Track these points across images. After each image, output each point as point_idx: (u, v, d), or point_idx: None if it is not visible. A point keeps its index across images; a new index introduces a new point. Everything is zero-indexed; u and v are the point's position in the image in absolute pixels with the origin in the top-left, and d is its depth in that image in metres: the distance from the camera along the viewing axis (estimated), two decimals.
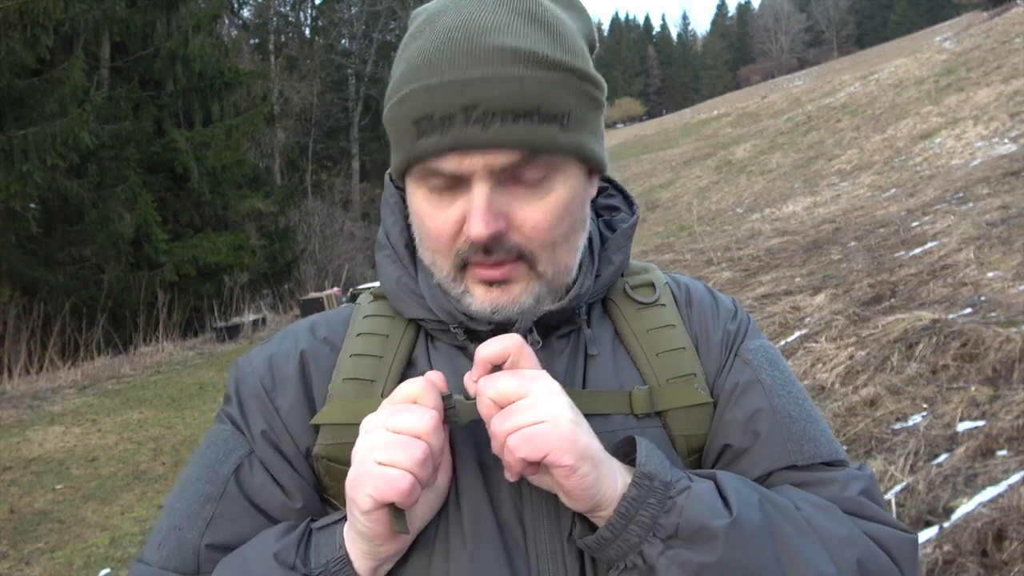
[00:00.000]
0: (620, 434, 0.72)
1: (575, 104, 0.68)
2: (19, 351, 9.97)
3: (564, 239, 0.72)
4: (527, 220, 0.69)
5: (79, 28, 11.41)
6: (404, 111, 0.68)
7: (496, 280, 0.71)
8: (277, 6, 25.89)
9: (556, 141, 0.67)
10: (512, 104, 0.64)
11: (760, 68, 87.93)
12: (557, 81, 0.67)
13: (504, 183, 0.68)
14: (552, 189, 0.70)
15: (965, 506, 2.63)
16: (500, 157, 0.66)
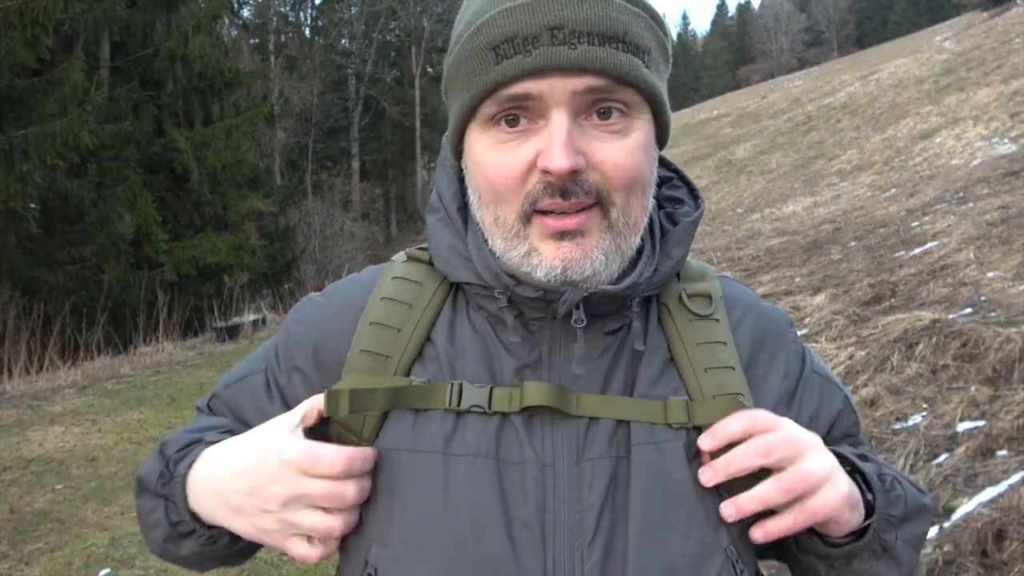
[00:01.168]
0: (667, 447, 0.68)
1: (654, 45, 0.66)
2: (19, 351, 9.97)
3: (640, 188, 0.68)
4: (608, 158, 0.65)
5: (79, 28, 11.41)
6: (480, 40, 0.64)
7: (569, 230, 0.65)
8: (277, 6, 25.89)
9: (641, 72, 0.64)
10: (600, 26, 0.61)
11: (760, 68, 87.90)
12: (639, 15, 0.65)
13: (583, 119, 0.65)
14: (632, 129, 0.66)
15: (965, 506, 2.63)
16: (587, 80, 0.62)
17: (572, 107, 0.63)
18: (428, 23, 28.87)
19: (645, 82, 0.65)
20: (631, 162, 0.65)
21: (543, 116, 0.64)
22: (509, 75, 0.63)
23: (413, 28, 28.69)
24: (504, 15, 0.62)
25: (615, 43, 0.62)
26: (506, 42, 0.62)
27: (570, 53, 0.61)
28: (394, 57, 29.86)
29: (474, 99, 0.66)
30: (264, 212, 15.95)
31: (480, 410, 0.67)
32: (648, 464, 0.67)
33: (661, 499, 0.67)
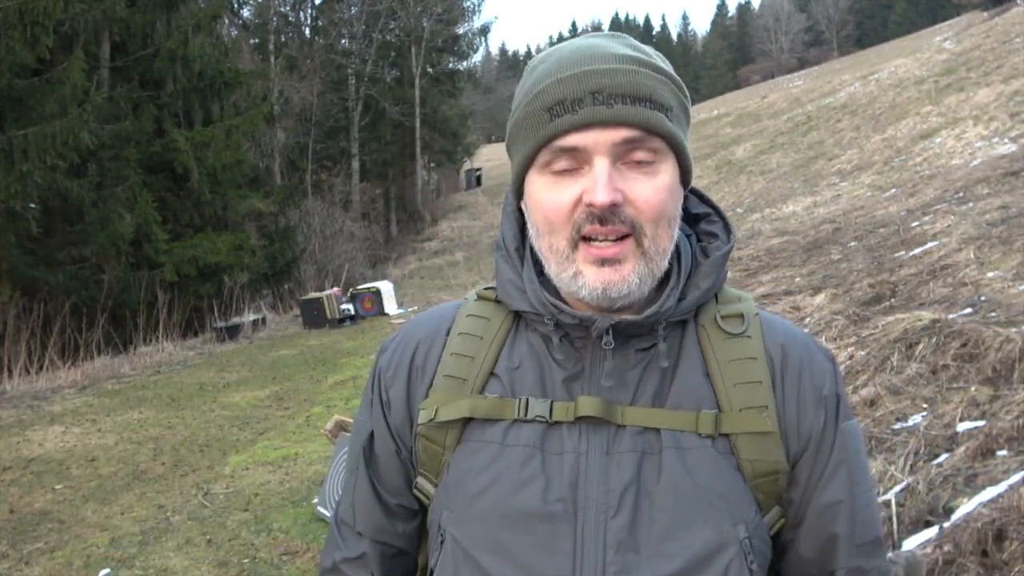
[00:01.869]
0: (693, 452, 0.80)
1: (675, 104, 0.81)
2: (19, 351, 9.97)
3: (667, 221, 0.81)
4: (640, 195, 0.78)
5: (79, 28, 11.40)
6: (537, 104, 0.80)
7: (608, 258, 0.79)
8: (277, 6, 25.86)
9: (665, 125, 0.79)
10: (630, 90, 0.77)
11: (760, 68, 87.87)
12: (663, 81, 0.80)
13: (620, 164, 0.79)
14: (659, 172, 0.80)
15: (965, 506, 2.62)
16: (622, 132, 0.77)
17: (611, 154, 0.78)
18: (428, 23, 28.87)
19: (669, 132, 0.79)
20: (659, 199, 0.79)
21: (588, 162, 0.79)
22: (561, 129, 0.78)
23: (413, 28, 28.68)
24: (556, 84, 0.79)
25: (644, 103, 0.77)
26: (558, 104, 0.78)
27: (608, 111, 0.76)
28: (394, 57, 29.84)
29: (533, 150, 0.81)
30: (264, 212, 15.94)
31: (543, 420, 0.82)
32: (673, 461, 0.80)
33: (684, 490, 0.79)
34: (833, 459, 0.84)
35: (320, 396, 7.72)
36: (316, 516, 4.33)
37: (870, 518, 0.86)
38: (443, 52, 31.41)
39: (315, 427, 6.37)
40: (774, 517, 0.84)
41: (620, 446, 0.80)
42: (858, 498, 0.85)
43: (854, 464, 0.85)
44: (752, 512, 0.81)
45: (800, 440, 0.84)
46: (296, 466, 5.40)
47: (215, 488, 5.09)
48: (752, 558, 0.79)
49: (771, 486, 0.82)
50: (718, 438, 0.81)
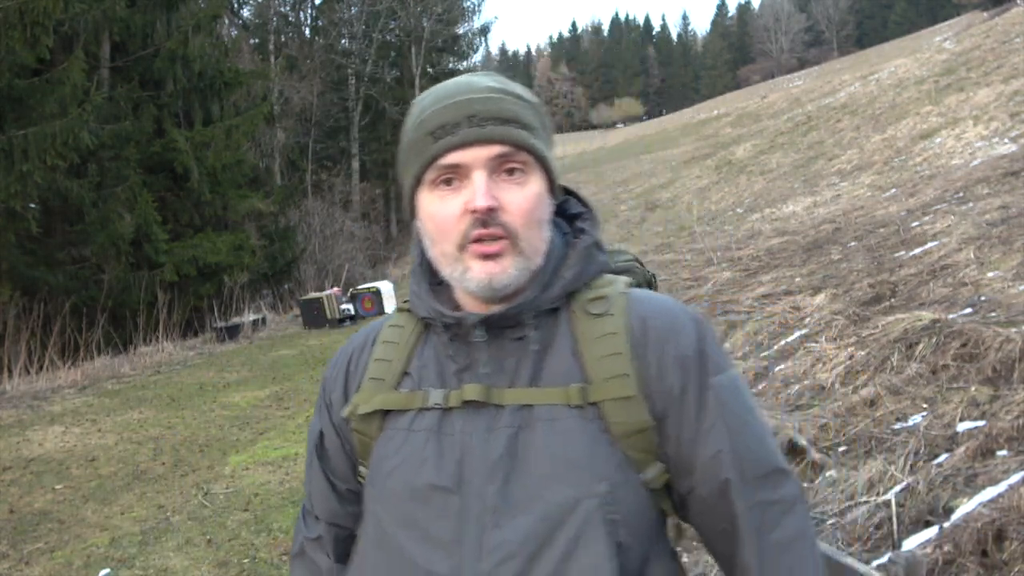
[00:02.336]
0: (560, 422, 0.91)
1: (538, 125, 0.95)
2: (19, 351, 9.96)
3: (537, 224, 0.94)
4: (512, 202, 0.92)
5: (79, 28, 11.40)
6: (422, 130, 0.93)
7: (491, 254, 0.92)
8: (277, 6, 25.85)
9: (531, 141, 0.93)
10: (499, 113, 0.92)
11: (760, 68, 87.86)
12: (526, 106, 0.95)
13: (495, 176, 0.92)
14: (528, 183, 0.94)
15: (965, 506, 2.62)
16: (495, 148, 0.91)
17: (487, 168, 0.91)
18: (428, 23, 28.86)
19: (534, 147, 0.93)
20: (529, 205, 0.93)
21: (468, 177, 0.92)
22: (443, 149, 0.91)
23: (413, 28, 28.68)
24: (438, 112, 0.92)
25: (511, 123, 0.92)
26: (439, 128, 0.92)
27: (482, 131, 0.91)
28: (394, 57, 29.83)
29: (420, 169, 0.94)
30: (264, 212, 15.93)
31: (440, 407, 0.95)
32: (544, 432, 0.91)
33: (551, 456, 0.91)
34: (706, 413, 0.93)
35: None
36: None
37: (759, 455, 0.93)
38: (443, 52, 31.41)
39: None
40: (657, 471, 0.93)
41: (499, 423, 0.93)
42: (740, 442, 0.92)
43: (729, 413, 0.93)
44: (617, 469, 0.91)
45: (662, 399, 0.92)
46: (296, 466, 5.40)
47: (215, 488, 5.09)
48: (614, 508, 0.89)
49: (643, 443, 0.92)
50: (586, 407, 0.91)
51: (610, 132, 72.80)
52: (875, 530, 2.79)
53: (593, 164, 38.41)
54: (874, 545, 2.73)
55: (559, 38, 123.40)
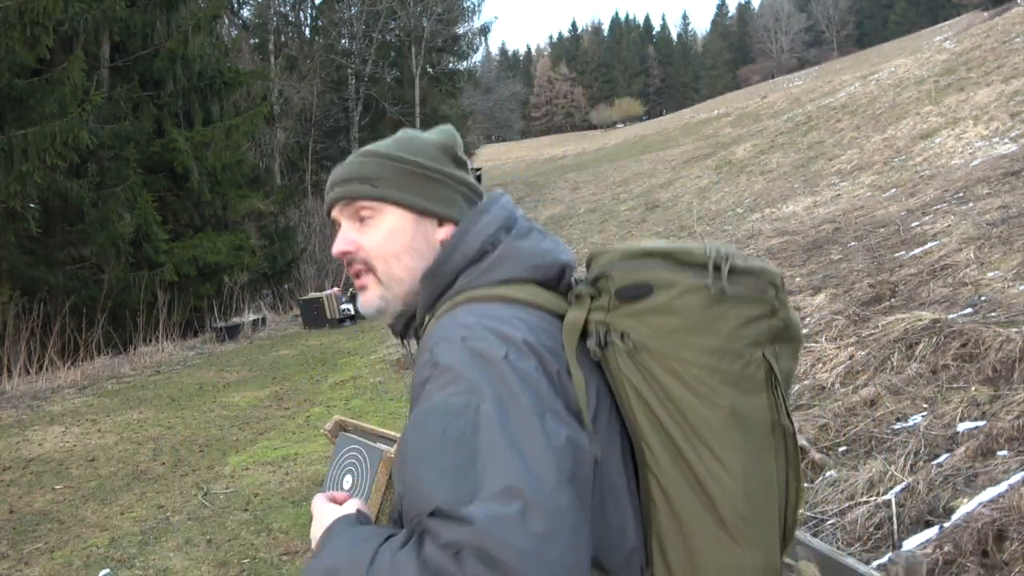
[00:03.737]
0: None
1: (386, 173, 1.08)
2: (19, 351, 9.96)
3: (394, 257, 1.08)
4: (365, 243, 1.09)
5: (79, 28, 11.40)
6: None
7: (360, 287, 1.12)
8: (277, 6, 25.83)
9: (366, 191, 1.08)
10: (342, 176, 1.11)
11: (760, 68, 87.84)
12: (369, 161, 1.10)
13: (355, 223, 1.10)
14: (378, 224, 1.09)
15: (965, 506, 2.62)
16: (341, 204, 1.11)
17: (347, 218, 1.11)
18: (428, 23, 28.85)
19: (368, 194, 1.08)
20: (376, 243, 1.08)
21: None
22: (326, 210, 1.16)
23: (413, 28, 28.67)
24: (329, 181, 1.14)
25: (348, 182, 1.09)
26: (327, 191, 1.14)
27: (331, 195, 1.12)
28: (394, 57, 29.80)
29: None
30: (264, 212, 15.92)
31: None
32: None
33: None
34: (404, 441, 0.91)
35: (320, 396, 7.72)
36: None
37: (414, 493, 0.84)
38: (443, 52, 31.39)
39: (315, 427, 6.37)
40: None
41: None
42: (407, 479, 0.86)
43: (407, 448, 0.88)
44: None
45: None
46: (296, 466, 5.40)
47: (215, 488, 5.09)
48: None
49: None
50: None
51: (610, 132, 72.76)
52: (875, 530, 2.79)
53: (593, 164, 38.41)
54: (874, 545, 2.73)
55: (559, 38, 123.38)
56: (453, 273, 1.04)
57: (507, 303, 0.98)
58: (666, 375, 0.92)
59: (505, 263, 1.03)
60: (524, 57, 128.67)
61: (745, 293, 0.94)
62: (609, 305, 0.97)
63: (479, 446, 0.81)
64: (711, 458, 0.90)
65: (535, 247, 1.06)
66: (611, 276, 0.97)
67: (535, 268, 1.04)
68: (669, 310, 0.93)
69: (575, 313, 0.99)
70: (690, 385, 0.91)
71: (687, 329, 0.92)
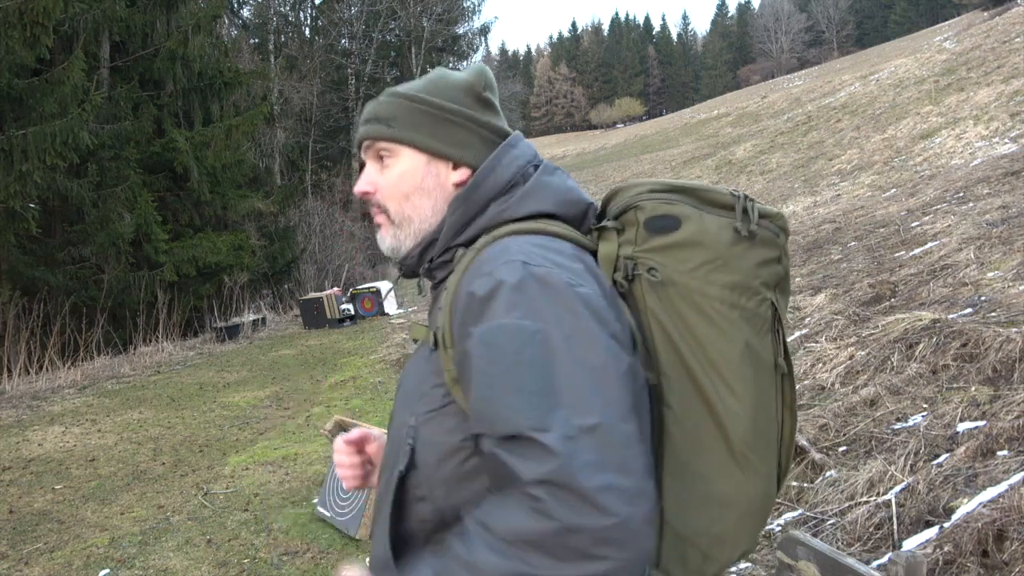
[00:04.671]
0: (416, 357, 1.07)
1: (403, 113, 1.09)
2: (19, 351, 9.95)
3: (404, 197, 1.09)
4: (378, 183, 1.11)
5: (79, 28, 11.39)
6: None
7: (376, 226, 1.13)
8: (277, 6, 25.83)
9: (382, 132, 1.10)
10: (366, 115, 1.12)
11: (760, 68, 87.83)
12: (389, 102, 1.11)
13: (376, 164, 1.12)
14: (393, 165, 1.10)
15: (965, 506, 2.62)
16: (365, 145, 1.13)
17: (371, 158, 1.13)
18: (428, 23, 28.84)
19: (383, 135, 1.10)
20: (388, 183, 1.10)
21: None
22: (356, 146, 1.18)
23: (413, 28, 28.67)
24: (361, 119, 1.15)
25: (371, 122, 1.11)
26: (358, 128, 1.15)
27: (358, 134, 1.14)
28: (394, 57, 29.80)
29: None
30: (264, 212, 15.91)
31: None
32: (410, 365, 1.09)
33: (404, 388, 1.07)
34: (467, 362, 0.91)
35: (320, 396, 7.72)
36: (316, 516, 4.33)
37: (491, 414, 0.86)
38: (443, 52, 31.38)
39: (315, 427, 6.37)
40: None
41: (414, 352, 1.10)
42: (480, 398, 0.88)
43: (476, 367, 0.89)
44: (423, 406, 0.98)
45: (457, 352, 0.94)
46: (296, 466, 5.40)
47: (215, 488, 5.09)
48: (411, 440, 0.97)
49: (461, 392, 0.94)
50: (432, 352, 0.99)
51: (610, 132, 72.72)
52: (875, 530, 2.79)
53: (593, 164, 38.39)
54: (874, 545, 2.72)
55: (559, 38, 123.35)
56: (483, 200, 1.05)
57: (550, 236, 1.00)
58: (689, 309, 0.95)
59: (536, 195, 1.04)
60: (524, 57, 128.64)
61: (765, 235, 0.99)
62: (637, 238, 0.99)
63: (554, 370, 0.84)
64: (726, 390, 0.94)
65: (562, 183, 1.07)
66: (641, 207, 1.00)
67: (564, 203, 1.05)
68: (696, 244, 0.96)
69: (608, 246, 1.01)
70: (712, 319, 0.94)
71: (712, 264, 0.95)
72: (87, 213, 11.53)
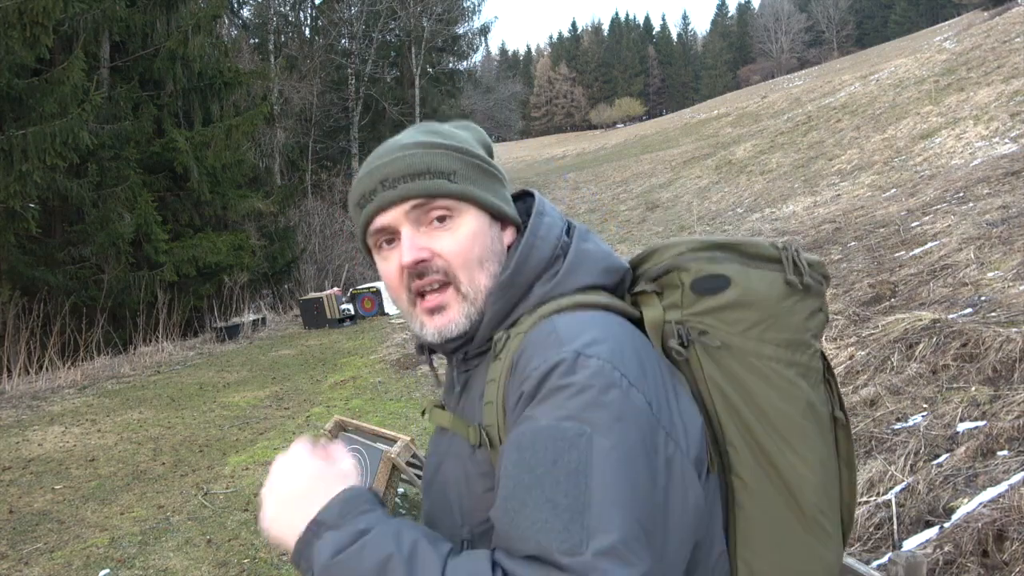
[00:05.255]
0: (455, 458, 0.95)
1: (459, 167, 0.94)
2: (19, 351, 9.96)
3: (478, 263, 0.94)
4: (444, 248, 0.93)
5: (79, 28, 11.39)
6: (352, 201, 0.98)
7: (434, 307, 0.94)
8: (277, 6, 25.84)
9: (446, 188, 0.93)
10: (408, 170, 0.92)
11: (760, 68, 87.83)
12: (440, 153, 0.94)
13: (423, 226, 0.94)
14: (459, 225, 0.94)
15: (966, 506, 2.62)
16: (409, 203, 0.93)
17: (411, 222, 0.93)
18: (428, 23, 28.84)
19: (452, 192, 0.93)
20: (461, 247, 0.93)
21: (398, 235, 0.94)
22: (368, 217, 0.95)
23: (413, 28, 28.67)
24: (359, 183, 0.96)
25: (422, 176, 0.92)
26: (362, 198, 0.96)
27: (394, 192, 0.93)
28: (394, 57, 29.79)
29: (360, 237, 1.00)
30: (264, 212, 15.91)
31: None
32: (447, 465, 0.96)
33: (442, 490, 0.96)
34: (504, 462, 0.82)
35: (320, 396, 7.72)
36: None
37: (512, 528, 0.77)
38: (443, 52, 31.38)
39: (315, 427, 6.37)
40: None
41: (439, 448, 1.00)
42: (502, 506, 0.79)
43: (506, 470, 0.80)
44: (477, 515, 0.89)
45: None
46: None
47: (215, 488, 5.09)
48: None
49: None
50: (477, 450, 0.90)
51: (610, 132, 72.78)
52: (875, 530, 2.79)
53: (593, 164, 38.41)
54: (874, 545, 2.72)
55: (559, 38, 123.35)
56: (528, 283, 0.94)
57: (596, 310, 0.91)
58: (746, 372, 0.90)
59: (580, 269, 0.95)
60: (524, 57, 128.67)
61: (812, 285, 0.94)
62: (683, 301, 0.92)
63: (592, 485, 0.75)
64: (792, 453, 0.89)
65: (600, 249, 0.99)
66: (686, 268, 0.93)
67: (606, 272, 0.97)
68: (748, 303, 0.91)
69: (653, 311, 0.93)
70: (771, 380, 0.90)
71: (764, 323, 0.90)
72: (87, 213, 11.53)
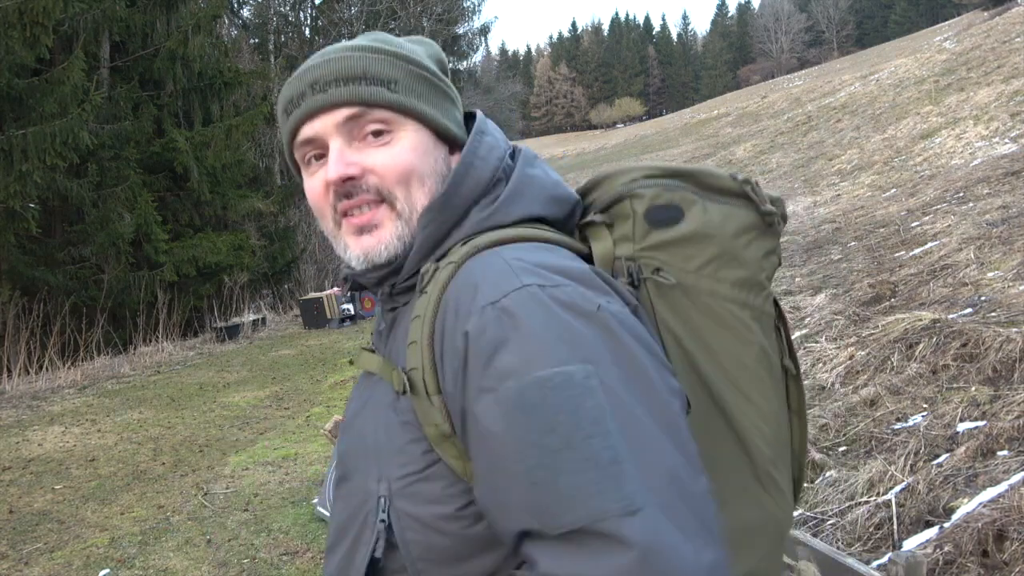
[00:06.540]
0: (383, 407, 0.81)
1: (402, 76, 0.84)
2: (19, 351, 9.95)
3: (418, 179, 0.83)
4: (378, 163, 0.82)
5: (79, 28, 11.39)
6: (279, 107, 0.88)
7: (363, 225, 0.84)
8: (277, 6, 25.86)
9: (383, 96, 0.82)
10: (342, 73, 0.82)
11: (760, 68, 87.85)
12: (380, 58, 0.84)
13: (356, 140, 0.83)
14: (397, 140, 0.83)
15: (966, 506, 2.62)
16: (343, 112, 0.82)
17: (342, 134, 0.83)
18: (428, 23, 28.87)
19: (391, 102, 0.83)
20: (398, 162, 0.83)
21: (327, 147, 0.84)
22: (294, 125, 0.85)
23: (413, 28, 28.69)
24: (287, 86, 0.86)
25: (357, 81, 0.82)
26: (288, 103, 0.86)
27: (324, 96, 0.82)
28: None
29: (288, 151, 0.89)
30: (264, 212, 15.91)
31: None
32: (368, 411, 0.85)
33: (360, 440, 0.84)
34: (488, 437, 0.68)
35: (320, 396, 7.72)
36: (316, 516, 4.33)
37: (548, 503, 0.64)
38: (443, 52, 31.46)
39: (315, 427, 6.37)
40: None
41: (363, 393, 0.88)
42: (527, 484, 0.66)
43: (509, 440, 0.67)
44: (397, 469, 0.76)
45: (452, 402, 0.72)
46: (296, 466, 5.40)
47: (215, 488, 5.09)
48: (384, 515, 0.75)
49: (454, 451, 0.73)
50: (400, 397, 0.78)
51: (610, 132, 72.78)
52: (875, 530, 2.79)
53: (593, 164, 38.41)
54: (874, 545, 2.73)
55: (559, 38, 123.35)
56: (464, 207, 0.83)
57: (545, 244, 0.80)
58: (699, 314, 0.80)
59: (523, 196, 0.84)
60: (524, 57, 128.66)
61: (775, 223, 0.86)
62: (635, 234, 0.82)
63: (611, 428, 0.64)
64: (745, 402, 0.80)
65: (547, 176, 0.88)
66: (639, 196, 0.83)
67: (553, 201, 0.86)
68: (704, 237, 0.81)
69: (602, 245, 0.83)
70: (725, 322, 0.81)
71: (719, 259, 0.81)
72: (87, 213, 11.53)
